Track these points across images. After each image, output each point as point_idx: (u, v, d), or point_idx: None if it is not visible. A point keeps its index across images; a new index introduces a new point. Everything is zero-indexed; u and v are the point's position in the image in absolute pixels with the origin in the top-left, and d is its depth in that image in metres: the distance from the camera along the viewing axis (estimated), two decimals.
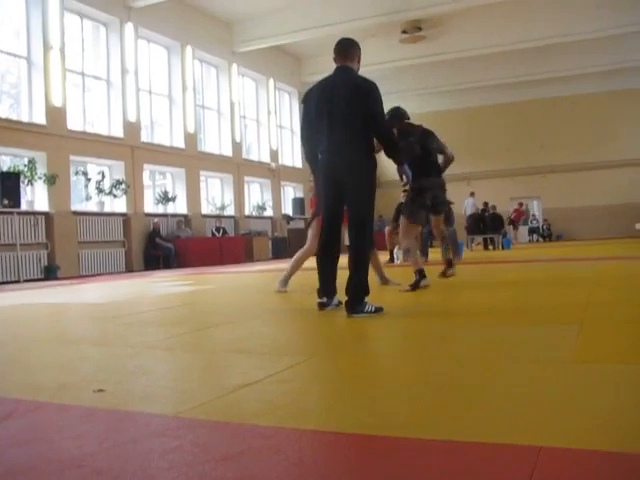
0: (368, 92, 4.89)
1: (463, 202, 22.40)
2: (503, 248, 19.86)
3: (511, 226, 25.83)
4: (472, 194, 23.34)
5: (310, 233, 7.07)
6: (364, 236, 4.86)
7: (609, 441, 1.71)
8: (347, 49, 5.12)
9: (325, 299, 5.03)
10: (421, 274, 6.60)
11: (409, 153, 6.50)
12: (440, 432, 1.84)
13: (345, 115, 4.81)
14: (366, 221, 4.91)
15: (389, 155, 5.12)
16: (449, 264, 7.83)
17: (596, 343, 3.24)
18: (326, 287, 5.03)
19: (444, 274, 7.70)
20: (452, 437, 1.79)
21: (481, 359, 2.97)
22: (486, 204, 22.69)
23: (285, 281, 7.22)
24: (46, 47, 14.63)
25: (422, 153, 6.86)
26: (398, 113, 7.01)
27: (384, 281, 7.47)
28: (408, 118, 7.12)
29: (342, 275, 4.89)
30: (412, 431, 1.86)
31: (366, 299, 4.72)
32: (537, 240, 28.54)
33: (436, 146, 7.13)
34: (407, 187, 5.64)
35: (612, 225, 27.54)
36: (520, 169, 29.18)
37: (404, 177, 5.37)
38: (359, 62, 5.20)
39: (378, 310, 4.66)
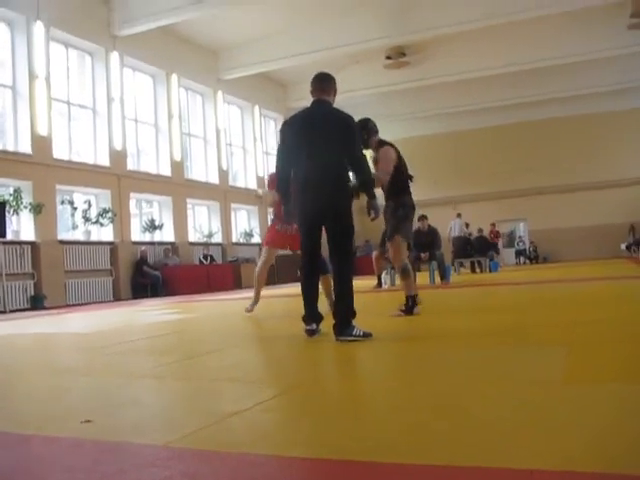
0: (347, 125, 5.00)
1: (449, 223, 22.46)
2: (490, 271, 19.89)
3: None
4: (459, 215, 23.39)
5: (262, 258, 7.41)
6: (347, 262, 4.98)
7: (602, 462, 1.70)
8: (324, 83, 5.22)
9: (314, 325, 5.03)
10: (414, 300, 6.44)
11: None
12: (431, 457, 1.83)
13: (325, 146, 4.89)
14: (349, 249, 5.03)
15: (364, 187, 5.16)
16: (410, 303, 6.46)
17: (586, 363, 3.24)
18: (313, 313, 5.05)
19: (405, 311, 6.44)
20: (443, 462, 1.78)
21: (471, 382, 2.96)
22: (467, 225, 22.74)
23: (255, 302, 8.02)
24: (31, 76, 14.65)
25: (402, 170, 6.81)
26: (371, 125, 6.88)
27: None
28: (377, 132, 7.01)
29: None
30: (402, 456, 1.85)
31: (354, 323, 4.73)
32: (524, 262, 28.61)
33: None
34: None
35: (598, 246, 27.66)
36: (506, 191, 29.31)
37: (372, 212, 5.28)
38: (335, 95, 5.29)
39: (367, 335, 4.66)
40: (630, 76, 24.34)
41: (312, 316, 5.04)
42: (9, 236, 13.66)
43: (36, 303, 13.85)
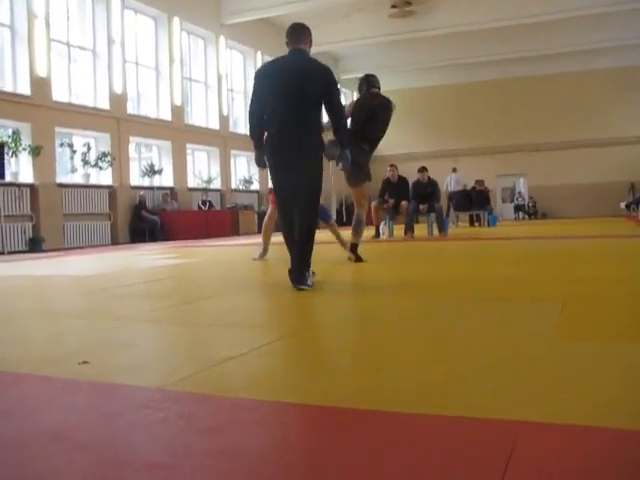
0: (324, 73, 5.03)
1: (445, 178, 22.35)
2: (489, 225, 19.91)
3: None
4: (454, 170, 23.29)
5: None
6: (312, 211, 5.02)
7: (590, 416, 1.73)
8: (300, 33, 5.20)
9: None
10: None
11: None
12: (423, 406, 1.86)
13: (300, 94, 4.89)
14: (314, 197, 5.03)
15: (338, 136, 5.24)
16: (352, 248, 7.01)
17: (579, 320, 3.27)
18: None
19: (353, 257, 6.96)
20: (435, 411, 1.81)
21: (463, 334, 2.99)
22: (481, 182, 22.19)
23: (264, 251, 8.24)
24: (30, 16, 14.41)
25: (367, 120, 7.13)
26: (369, 79, 7.48)
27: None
28: (378, 87, 7.43)
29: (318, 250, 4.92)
30: (394, 405, 1.88)
31: (310, 271, 4.91)
32: (523, 218, 28.61)
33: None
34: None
35: (597, 204, 27.65)
36: (507, 146, 29.19)
37: (341, 161, 5.29)
38: (310, 46, 5.28)
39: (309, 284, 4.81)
40: (634, 32, 24.04)
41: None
42: (7, 178, 13.61)
43: (34, 245, 13.87)
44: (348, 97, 32.27)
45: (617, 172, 27.43)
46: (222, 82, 21.75)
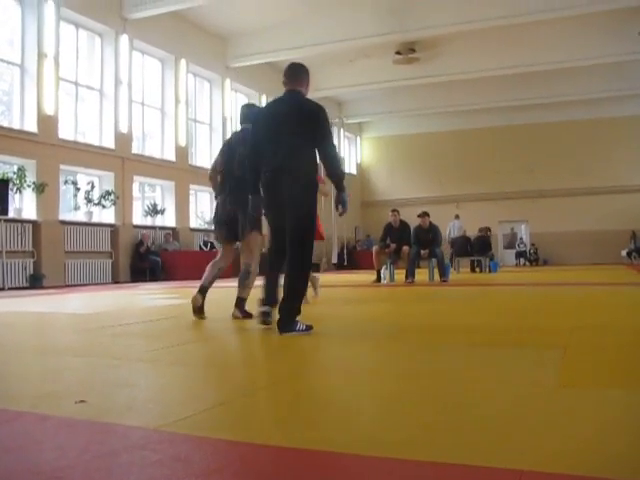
0: (317, 115, 4.93)
1: (447, 225, 22.44)
2: (490, 271, 19.90)
3: None
4: (457, 217, 23.39)
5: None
6: (303, 254, 4.84)
7: (591, 466, 1.71)
8: (297, 74, 5.17)
9: (267, 308, 4.93)
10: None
11: None
12: (420, 452, 1.84)
13: (294, 135, 4.85)
14: (305, 239, 4.86)
15: (333, 180, 5.02)
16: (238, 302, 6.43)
17: (580, 368, 3.24)
18: (271, 297, 4.97)
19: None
20: (431, 458, 1.79)
21: (464, 380, 2.97)
22: (484, 229, 21.90)
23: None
24: (40, 55, 14.64)
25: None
26: (243, 111, 6.43)
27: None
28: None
29: None
30: (389, 451, 1.86)
31: (298, 317, 4.73)
32: (524, 264, 28.62)
33: None
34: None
35: (598, 251, 27.70)
36: (508, 193, 29.35)
37: (339, 207, 5.14)
38: (307, 87, 5.23)
39: (309, 328, 4.67)
40: (637, 83, 24.33)
41: (269, 298, 4.99)
42: (11, 214, 13.68)
43: (35, 282, 13.88)
44: (352, 141, 32.56)
45: (619, 220, 27.53)
46: (227, 124, 21.97)
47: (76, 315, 7.26)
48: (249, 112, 6.20)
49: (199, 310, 6.06)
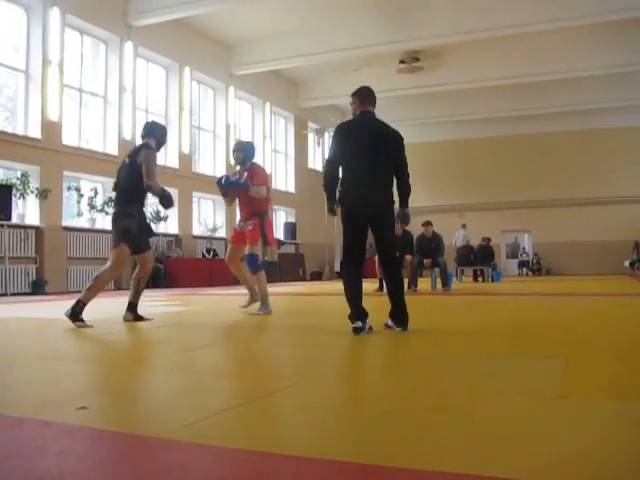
0: (401, 142, 5.64)
1: (454, 233, 22.45)
2: (493, 280, 19.88)
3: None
4: (464, 226, 23.37)
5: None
6: (398, 266, 5.75)
7: (589, 477, 1.70)
8: (372, 96, 5.78)
9: (360, 323, 5.14)
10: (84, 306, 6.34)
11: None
12: (422, 462, 1.83)
13: (386, 159, 5.43)
14: (395, 254, 5.69)
15: (404, 195, 5.78)
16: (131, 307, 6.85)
17: (581, 378, 3.23)
18: (361, 311, 5.23)
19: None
20: (434, 467, 1.78)
21: (465, 389, 2.96)
22: (487, 239, 21.97)
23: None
24: (45, 62, 14.69)
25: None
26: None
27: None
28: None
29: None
30: (394, 460, 1.85)
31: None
32: (527, 274, 28.59)
33: None
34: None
35: (601, 261, 27.67)
36: (511, 202, 29.35)
37: (402, 219, 5.85)
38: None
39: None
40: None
41: (360, 313, 5.22)
42: (14, 219, 13.70)
43: (37, 288, 13.88)
44: None
45: (622, 230, 27.52)
46: (230, 131, 22.00)
47: None
48: (153, 128, 6.96)
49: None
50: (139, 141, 6.83)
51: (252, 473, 1.78)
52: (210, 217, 21.72)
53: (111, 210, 15.91)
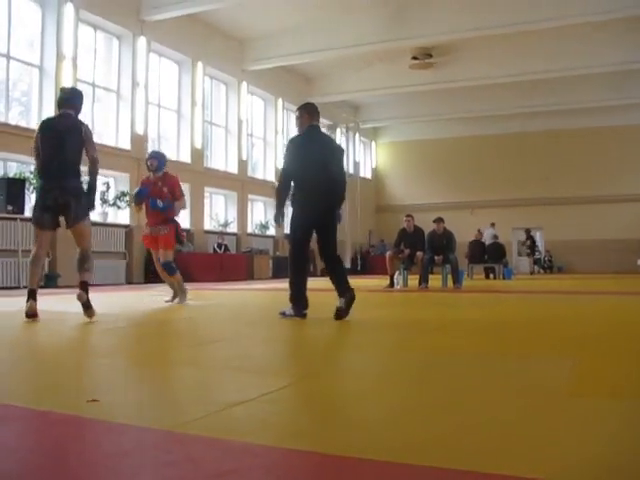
0: (342, 154, 6.53)
1: (466, 230, 22.43)
2: (504, 278, 19.82)
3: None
4: (492, 224, 23.23)
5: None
6: (341, 261, 6.45)
7: (604, 477, 1.70)
8: (318, 111, 6.39)
9: (306, 311, 6.16)
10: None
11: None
12: (432, 459, 1.84)
13: (334, 167, 6.22)
14: (335, 251, 6.34)
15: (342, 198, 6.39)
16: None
17: (592, 377, 3.23)
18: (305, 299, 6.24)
19: None
20: (443, 464, 1.78)
21: (475, 388, 2.96)
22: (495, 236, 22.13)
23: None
24: (59, 57, 14.74)
25: None
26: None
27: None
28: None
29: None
30: (404, 456, 1.86)
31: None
32: (538, 271, 28.46)
33: None
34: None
35: (613, 259, 27.52)
36: (524, 199, 29.21)
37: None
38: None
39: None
40: None
41: (305, 302, 6.21)
42: (27, 213, 13.76)
43: (50, 281, 13.94)
44: (367, 146, 32.54)
45: (635, 228, 27.37)
46: (242, 127, 22.03)
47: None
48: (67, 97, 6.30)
49: (33, 315, 5.95)
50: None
51: (261, 467, 1.79)
52: (222, 212, 21.76)
53: (123, 205, 16.07)
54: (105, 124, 17.04)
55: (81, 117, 6.39)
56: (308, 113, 6.28)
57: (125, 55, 17.16)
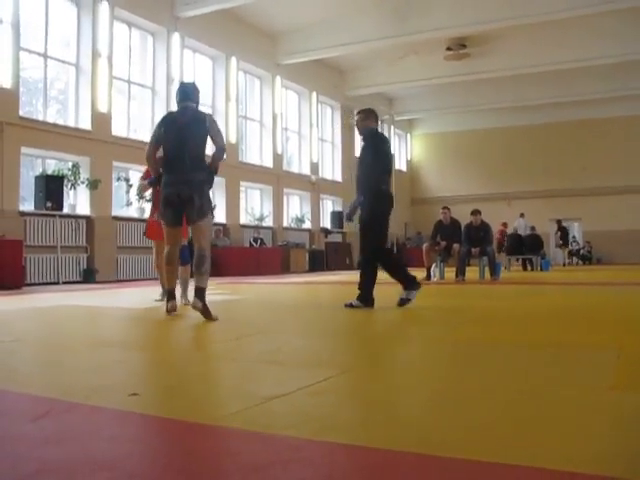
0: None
1: (513, 223, 22.31)
2: (541, 269, 19.63)
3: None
4: (522, 215, 23.11)
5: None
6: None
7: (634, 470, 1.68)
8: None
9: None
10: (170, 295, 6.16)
11: None
12: (471, 451, 1.82)
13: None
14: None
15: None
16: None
17: (634, 370, 3.17)
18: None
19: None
20: (482, 457, 1.76)
21: (516, 380, 2.93)
22: (532, 227, 22.02)
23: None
24: (95, 55, 14.89)
25: None
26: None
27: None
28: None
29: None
30: (443, 449, 1.84)
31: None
32: (576, 263, 28.10)
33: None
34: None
35: None
36: (561, 190, 28.84)
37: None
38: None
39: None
40: None
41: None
42: (65, 210, 13.96)
43: (88, 277, 14.13)
44: (402, 138, 32.38)
45: None
46: (277, 121, 22.04)
47: (129, 309, 7.37)
48: (188, 91, 6.74)
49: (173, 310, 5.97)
50: None
51: (300, 460, 1.79)
52: (257, 206, 21.83)
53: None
54: (141, 120, 17.17)
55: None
56: (376, 119, 6.95)
57: (159, 52, 17.28)
